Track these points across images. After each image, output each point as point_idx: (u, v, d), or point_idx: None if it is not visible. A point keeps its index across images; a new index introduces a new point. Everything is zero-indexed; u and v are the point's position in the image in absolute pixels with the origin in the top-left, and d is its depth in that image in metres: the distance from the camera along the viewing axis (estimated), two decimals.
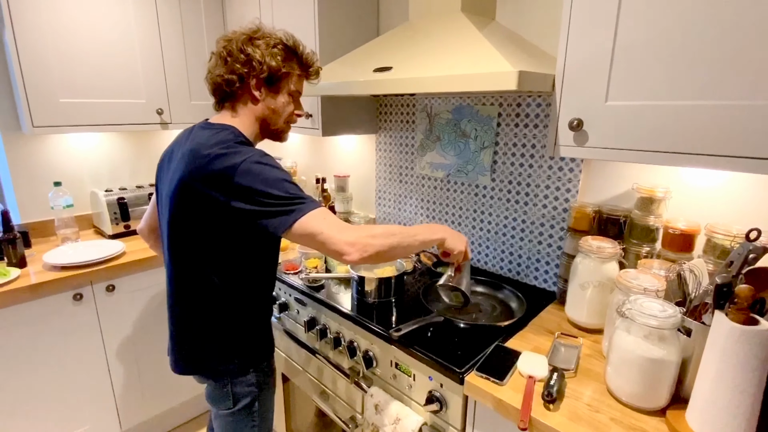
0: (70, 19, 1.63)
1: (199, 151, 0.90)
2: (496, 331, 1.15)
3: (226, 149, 0.89)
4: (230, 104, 1.03)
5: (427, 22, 1.31)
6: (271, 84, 1.01)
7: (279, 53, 0.99)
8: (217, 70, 0.99)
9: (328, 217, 0.87)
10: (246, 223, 0.88)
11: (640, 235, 1.16)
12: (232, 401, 1.08)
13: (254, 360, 1.08)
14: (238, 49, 0.96)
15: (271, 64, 0.97)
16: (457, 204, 1.64)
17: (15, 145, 1.81)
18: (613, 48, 0.89)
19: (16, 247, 1.55)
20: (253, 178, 0.85)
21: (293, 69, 1.03)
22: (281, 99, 1.04)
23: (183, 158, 0.94)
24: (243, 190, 0.86)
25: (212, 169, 0.87)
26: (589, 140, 0.96)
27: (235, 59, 0.96)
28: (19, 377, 1.50)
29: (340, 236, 0.84)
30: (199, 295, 1.00)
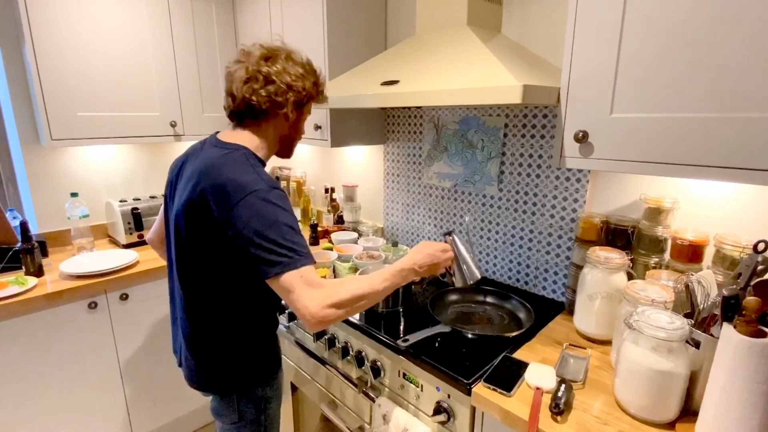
0: (88, 36, 1.69)
1: (211, 171, 0.90)
2: (504, 342, 1.15)
3: (243, 169, 0.90)
4: (256, 122, 1.00)
5: (433, 36, 1.33)
6: (299, 107, 1.02)
7: (311, 79, 1.01)
8: (261, 89, 0.95)
9: (306, 277, 0.85)
10: (235, 252, 0.88)
11: (649, 246, 1.16)
12: (237, 416, 1.08)
13: (261, 377, 1.09)
14: (284, 71, 0.96)
15: (310, 91, 1.01)
16: (464, 213, 1.65)
17: (34, 157, 1.87)
18: (617, 61, 0.90)
19: (34, 257, 1.60)
20: (252, 214, 0.84)
21: (316, 96, 1.05)
22: (302, 120, 1.07)
23: (192, 177, 0.94)
24: (240, 221, 0.85)
25: (226, 183, 0.87)
26: (594, 152, 0.97)
27: (282, 81, 0.96)
28: (34, 384, 1.53)
29: (307, 303, 0.83)
30: (206, 313, 1.00)
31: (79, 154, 1.99)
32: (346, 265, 1.58)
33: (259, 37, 1.95)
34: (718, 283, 0.94)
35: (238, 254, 0.88)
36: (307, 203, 2.27)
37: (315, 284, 0.85)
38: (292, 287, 0.84)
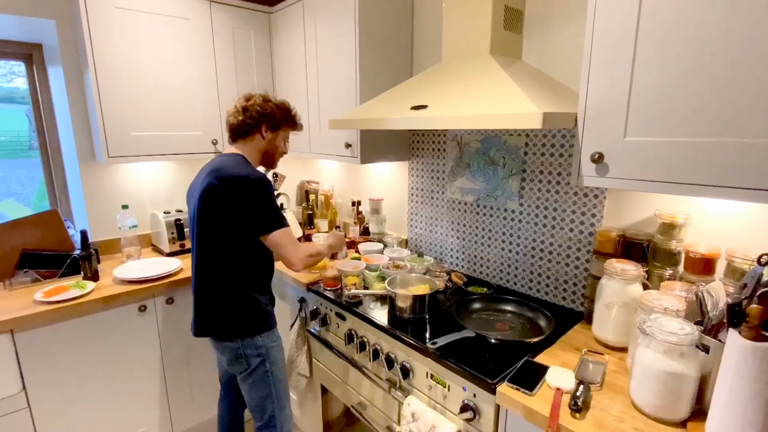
0: (142, 63, 1.87)
1: (221, 168, 1.33)
2: (526, 347, 1.23)
3: (241, 166, 1.34)
4: (242, 140, 1.46)
5: (459, 64, 1.45)
6: (273, 129, 1.47)
7: (281, 110, 1.47)
8: (239, 116, 1.43)
9: (289, 234, 1.36)
10: (242, 220, 1.31)
11: (663, 259, 1.23)
12: (246, 362, 1.41)
13: (257, 326, 1.42)
14: (258, 104, 1.43)
15: (276, 117, 1.45)
16: (486, 227, 1.75)
17: (90, 173, 2.06)
18: (629, 90, 1.00)
19: (91, 263, 1.76)
20: (256, 193, 1.30)
21: (288, 123, 1.50)
22: (278, 141, 1.51)
23: (207, 174, 1.35)
24: (244, 198, 1.30)
25: (231, 175, 1.30)
26: (609, 171, 1.06)
27: (254, 110, 1.42)
28: (90, 381, 1.68)
29: (294, 252, 1.35)
30: (214, 275, 1.38)
31: (129, 170, 2.17)
32: (374, 274, 1.69)
33: (293, 60, 2.10)
34: (729, 294, 1.01)
35: (243, 220, 1.31)
36: (333, 215, 2.39)
37: (297, 243, 1.37)
38: (283, 242, 1.34)
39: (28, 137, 2.32)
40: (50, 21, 1.87)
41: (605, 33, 1.02)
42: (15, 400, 1.51)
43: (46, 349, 1.56)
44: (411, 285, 1.57)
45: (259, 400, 1.46)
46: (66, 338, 1.60)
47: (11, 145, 2.43)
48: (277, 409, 1.47)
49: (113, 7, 1.76)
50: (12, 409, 1.51)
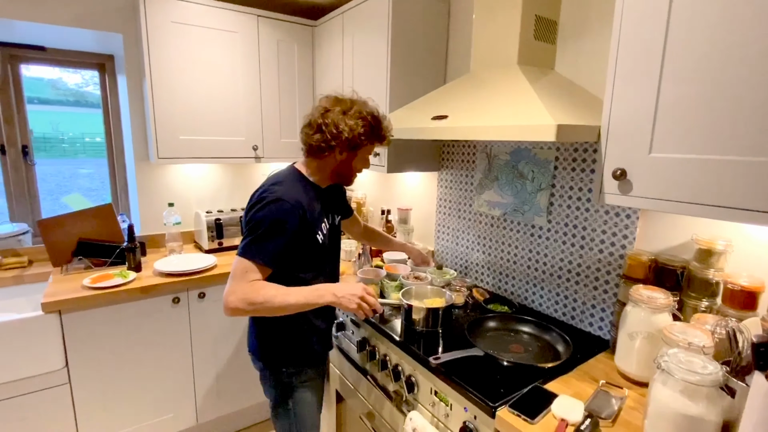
0: (192, 72, 2.02)
1: (260, 187, 1.23)
2: (537, 372, 1.16)
3: (278, 182, 1.21)
4: (314, 156, 1.25)
5: (485, 74, 1.42)
6: (352, 149, 1.22)
7: (365, 128, 1.19)
8: (313, 134, 1.20)
9: (246, 270, 1.11)
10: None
11: (699, 289, 1.11)
12: (272, 394, 1.33)
13: (286, 358, 1.29)
14: (333, 123, 1.17)
15: (356, 139, 1.19)
16: (513, 242, 1.68)
17: (143, 172, 2.24)
18: (656, 103, 0.92)
19: (135, 255, 1.91)
20: (254, 211, 1.15)
21: (372, 140, 1.24)
22: (356, 161, 1.27)
23: (261, 186, 1.25)
24: (248, 213, 1.18)
25: (259, 188, 1.22)
26: (633, 190, 0.98)
27: (330, 131, 1.18)
28: (125, 364, 1.81)
29: (232, 288, 1.10)
30: None
31: (178, 171, 2.33)
32: (393, 284, 1.68)
33: (332, 72, 2.17)
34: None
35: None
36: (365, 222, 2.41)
37: (245, 280, 1.11)
38: (232, 271, 1.13)
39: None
40: (118, 35, 2.08)
41: (631, 42, 0.96)
42: (58, 376, 1.66)
43: (88, 331, 1.70)
44: (427, 297, 1.54)
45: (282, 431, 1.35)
46: (107, 322, 1.74)
47: (93, 145, 2.72)
48: None
49: (170, 21, 1.93)
50: (55, 383, 1.66)
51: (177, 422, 1.99)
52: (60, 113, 7.53)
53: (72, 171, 8.03)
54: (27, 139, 2.33)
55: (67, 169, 8.57)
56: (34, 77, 6.88)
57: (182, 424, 2.00)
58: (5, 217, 2.27)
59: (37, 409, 1.65)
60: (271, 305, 1.10)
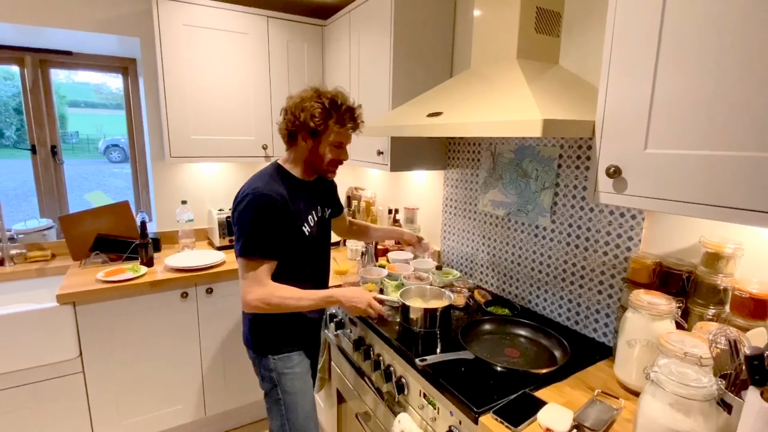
0: (203, 73, 2.07)
1: (243, 186, 1.27)
2: (530, 378, 1.11)
3: (258, 179, 1.27)
4: (289, 144, 1.33)
5: (484, 69, 1.38)
6: (314, 136, 1.26)
7: (319, 114, 1.23)
8: (282, 120, 1.30)
9: (253, 268, 1.19)
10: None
11: (706, 295, 1.04)
12: (261, 381, 1.36)
13: (270, 347, 1.33)
14: (291, 112, 1.25)
15: (310, 124, 1.23)
16: (517, 243, 1.62)
17: (159, 170, 2.32)
18: (651, 96, 0.87)
19: (147, 251, 1.97)
20: (240, 210, 1.20)
21: (331, 125, 1.26)
22: (322, 148, 1.29)
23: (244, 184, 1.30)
24: (234, 212, 1.23)
25: (242, 187, 1.26)
26: (628, 188, 0.93)
27: (291, 118, 1.26)
28: (136, 355, 1.87)
29: (248, 289, 1.19)
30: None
31: (192, 170, 2.40)
32: (394, 283, 1.66)
33: (339, 71, 2.17)
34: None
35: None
36: (374, 222, 2.40)
37: (260, 280, 1.20)
38: (242, 273, 1.20)
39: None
40: (136, 38, 2.16)
41: (626, 33, 0.90)
42: (72, 364, 1.74)
43: (101, 322, 1.78)
44: (426, 298, 1.52)
45: (275, 428, 1.36)
46: (119, 314, 1.81)
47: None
48: None
49: (182, 24, 1.98)
50: (69, 371, 1.74)
51: (186, 413, 2.04)
52: (103, 116, 7.91)
53: (110, 170, 8.39)
54: (56, 140, 2.45)
55: (107, 168, 8.96)
56: (81, 82, 7.25)
57: (191, 416, 2.06)
58: (35, 213, 2.40)
59: (52, 396, 1.73)
60: (286, 306, 1.22)
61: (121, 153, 7.93)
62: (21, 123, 2.36)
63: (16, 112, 2.49)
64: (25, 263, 2.03)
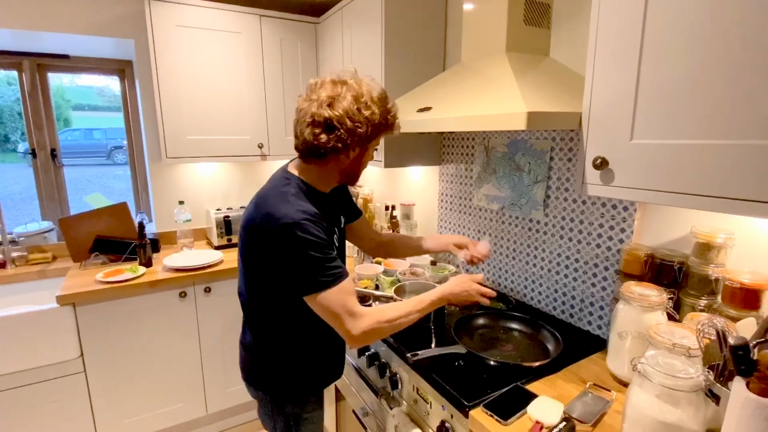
0: (197, 73, 2.08)
1: (264, 198, 1.01)
2: (523, 372, 1.11)
3: (282, 201, 0.98)
4: (318, 160, 1.02)
5: (474, 63, 1.37)
6: (365, 144, 1.03)
7: (382, 115, 1.00)
8: (321, 134, 0.96)
9: (343, 302, 0.95)
10: (276, 272, 1.00)
11: (697, 286, 1.03)
12: (272, 426, 1.17)
13: (294, 392, 1.14)
14: (348, 116, 0.95)
15: (375, 130, 0.99)
16: (512, 237, 1.62)
17: (156, 171, 2.33)
18: (636, 86, 0.86)
19: (145, 251, 1.99)
20: (285, 243, 0.93)
21: (387, 129, 1.05)
22: (367, 155, 1.08)
23: (254, 200, 1.04)
24: (277, 247, 0.95)
25: (264, 213, 0.98)
26: (615, 179, 0.92)
27: (346, 127, 0.96)
28: (137, 354, 1.89)
29: (353, 324, 0.96)
30: (254, 316, 1.12)
31: (189, 170, 2.41)
32: (389, 279, 1.66)
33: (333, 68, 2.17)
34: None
35: (276, 272, 0.99)
36: (371, 219, 2.40)
37: (352, 310, 0.97)
38: (330, 309, 0.95)
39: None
40: (130, 40, 2.17)
41: (610, 22, 0.89)
42: (74, 364, 1.76)
43: (101, 322, 1.79)
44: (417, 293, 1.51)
45: None
46: (118, 314, 1.82)
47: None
48: None
49: (175, 25, 1.99)
50: (71, 371, 1.76)
51: (187, 412, 2.06)
52: (107, 118, 7.84)
53: (114, 173, 8.42)
54: (55, 143, 2.47)
55: (110, 171, 8.98)
56: (84, 85, 7.20)
57: (192, 414, 2.08)
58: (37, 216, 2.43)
59: (55, 396, 1.75)
60: (397, 329, 1.04)
61: (125, 155, 7.96)
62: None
63: (21, 116, 2.50)
64: (27, 265, 2.06)
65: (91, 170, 7.96)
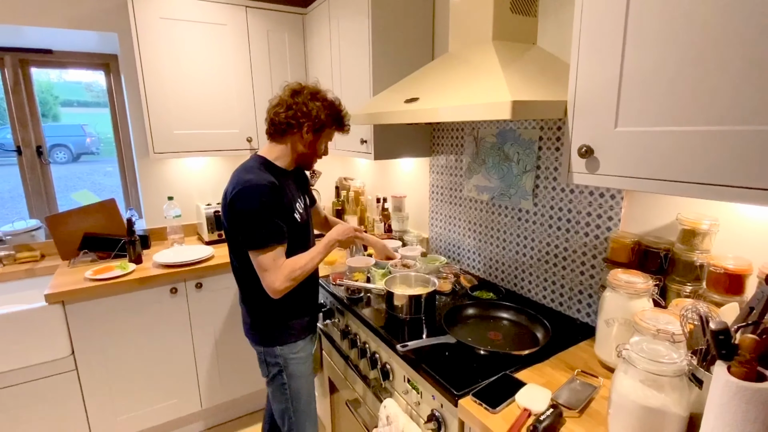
0: (183, 66, 2.05)
1: (236, 173, 1.28)
2: (512, 360, 1.12)
3: (249, 171, 1.24)
4: (279, 138, 1.33)
5: (462, 52, 1.36)
6: (318, 131, 1.32)
7: (328, 111, 1.32)
8: (283, 112, 1.28)
9: (273, 258, 1.21)
10: (237, 232, 1.24)
11: (683, 272, 1.04)
12: (266, 369, 1.40)
13: (277, 338, 1.36)
14: (303, 102, 1.28)
15: (321, 116, 1.29)
16: (501, 228, 1.62)
17: (145, 167, 2.30)
18: (620, 72, 0.85)
19: (135, 248, 1.97)
20: (243, 203, 1.19)
21: (332, 125, 1.35)
22: (320, 143, 1.36)
23: (231, 177, 1.29)
24: (236, 207, 1.20)
25: (234, 183, 1.23)
26: (600, 167, 0.92)
27: (300, 109, 1.27)
28: (129, 351, 1.88)
29: (272, 278, 1.21)
30: (240, 281, 1.37)
31: (178, 165, 2.39)
32: (381, 271, 1.66)
33: (322, 60, 2.14)
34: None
35: (237, 232, 1.23)
36: (363, 212, 2.40)
37: (277, 265, 1.22)
38: (261, 265, 1.22)
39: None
40: (113, 34, 2.13)
41: (594, 7, 0.88)
42: (65, 363, 1.75)
43: (91, 320, 1.78)
44: (411, 285, 1.52)
45: (279, 411, 1.43)
46: (109, 312, 1.81)
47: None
48: (295, 426, 1.42)
49: (158, 17, 1.95)
50: (63, 369, 1.75)
51: (182, 407, 2.06)
52: (96, 115, 7.74)
53: (104, 169, 8.30)
54: (41, 140, 2.43)
55: (100, 167, 8.86)
56: (73, 81, 7.09)
57: (187, 409, 2.08)
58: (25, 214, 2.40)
59: (48, 394, 1.74)
60: (307, 272, 1.28)
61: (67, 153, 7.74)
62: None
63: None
64: (15, 264, 2.04)
65: (80, 167, 7.85)
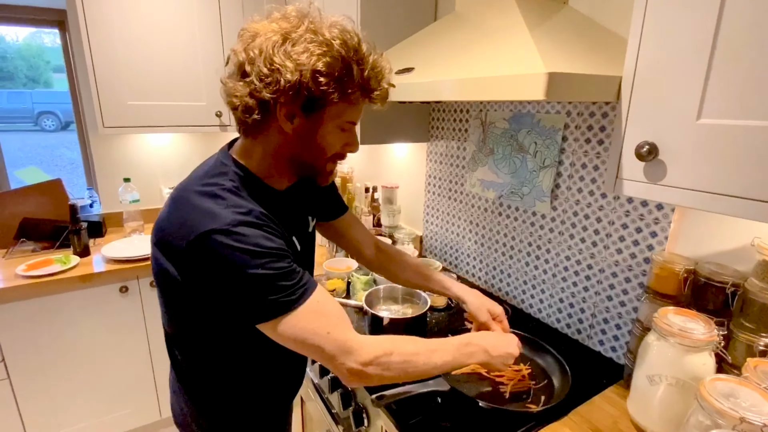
0: (139, 27, 1.71)
1: (175, 204, 0.70)
2: (521, 419, 0.87)
3: (204, 205, 0.66)
4: (252, 134, 0.71)
5: (471, 12, 1.05)
6: (310, 110, 0.67)
7: (328, 63, 0.62)
8: (234, 87, 0.66)
9: (318, 315, 0.67)
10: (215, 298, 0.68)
11: (759, 318, 0.77)
12: None
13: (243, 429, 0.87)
14: (264, 57, 0.62)
15: (312, 82, 0.62)
16: (509, 233, 1.35)
17: (98, 143, 2.00)
18: (715, 36, 0.57)
19: (80, 238, 1.69)
20: (214, 270, 0.64)
21: (345, 91, 0.65)
22: (325, 130, 0.70)
23: (167, 203, 0.73)
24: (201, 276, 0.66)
25: (174, 233, 0.67)
26: (667, 176, 0.64)
27: (259, 71, 0.63)
28: (72, 357, 1.63)
29: (348, 356, 0.66)
30: (186, 352, 0.81)
31: (137, 141, 2.08)
32: (364, 278, 1.40)
33: None
34: None
35: (208, 305, 0.69)
36: (350, 201, 2.11)
37: (348, 340, 0.67)
38: (309, 333, 0.65)
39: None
40: None
41: None
42: None
43: (24, 323, 1.52)
44: (397, 300, 1.26)
45: None
46: (45, 313, 1.55)
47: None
48: None
49: None
50: None
51: (138, 417, 1.83)
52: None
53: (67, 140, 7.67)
54: None
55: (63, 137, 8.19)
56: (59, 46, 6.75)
57: (144, 419, 1.85)
58: None
59: None
60: (414, 368, 0.71)
61: (55, 120, 7.30)
62: None
63: None
64: None
65: (69, 136, 7.16)
